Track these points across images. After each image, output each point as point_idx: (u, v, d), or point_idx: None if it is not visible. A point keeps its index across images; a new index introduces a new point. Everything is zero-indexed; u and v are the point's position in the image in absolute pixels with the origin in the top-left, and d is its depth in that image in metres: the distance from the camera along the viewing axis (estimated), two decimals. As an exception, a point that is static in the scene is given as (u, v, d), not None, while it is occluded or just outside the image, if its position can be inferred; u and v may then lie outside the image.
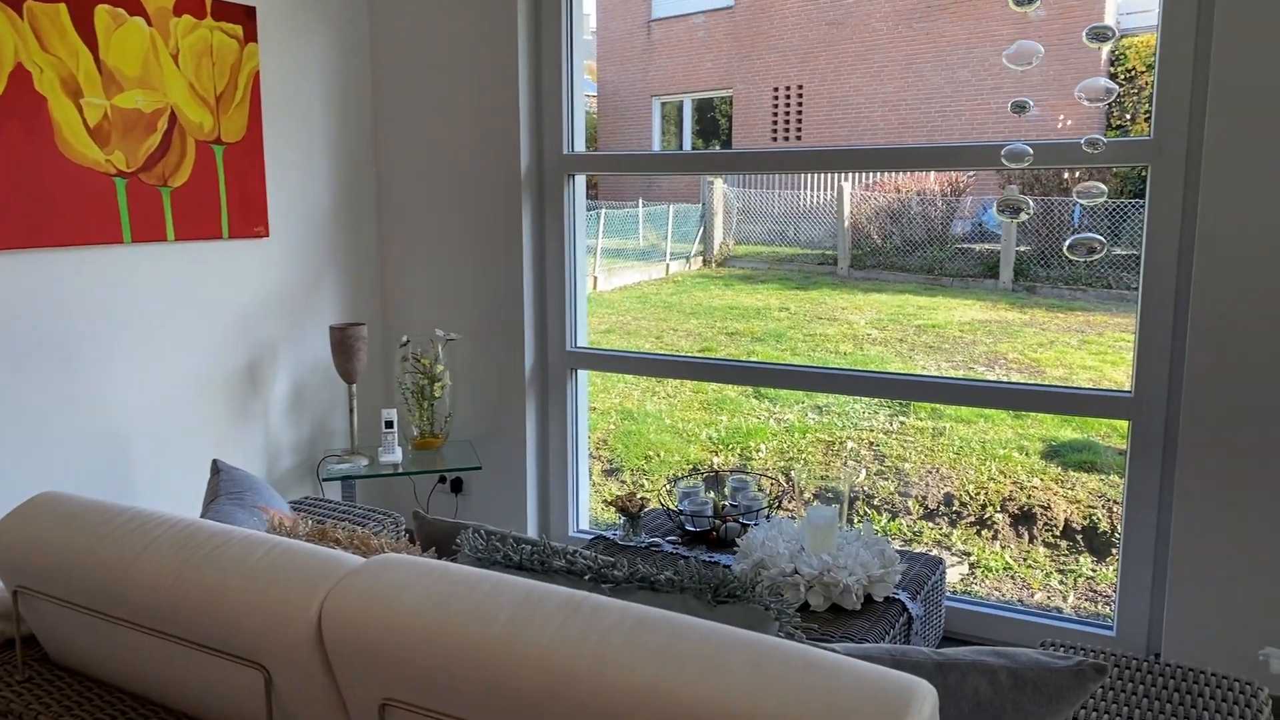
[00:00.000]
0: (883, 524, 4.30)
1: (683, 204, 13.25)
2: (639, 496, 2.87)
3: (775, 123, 14.18)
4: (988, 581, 3.86)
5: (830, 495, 4.30)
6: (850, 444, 5.05)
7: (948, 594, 2.95)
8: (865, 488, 4.61)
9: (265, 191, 3.10)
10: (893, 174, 11.98)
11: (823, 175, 12.65)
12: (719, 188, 13.00)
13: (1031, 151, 2.29)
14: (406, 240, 3.46)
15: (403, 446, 3.27)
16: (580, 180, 3.35)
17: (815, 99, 13.76)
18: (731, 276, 11.66)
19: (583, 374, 3.45)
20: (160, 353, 2.83)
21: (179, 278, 2.87)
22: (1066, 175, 10.03)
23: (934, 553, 4.08)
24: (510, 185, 3.24)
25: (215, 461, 1.97)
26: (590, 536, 3.32)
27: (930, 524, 4.30)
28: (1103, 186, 2.29)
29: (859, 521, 4.33)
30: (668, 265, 12.12)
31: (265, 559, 1.32)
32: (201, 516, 1.75)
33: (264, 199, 3.10)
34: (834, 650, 1.21)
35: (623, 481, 5.01)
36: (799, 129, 13.97)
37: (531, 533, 3.42)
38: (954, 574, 3.90)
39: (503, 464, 3.40)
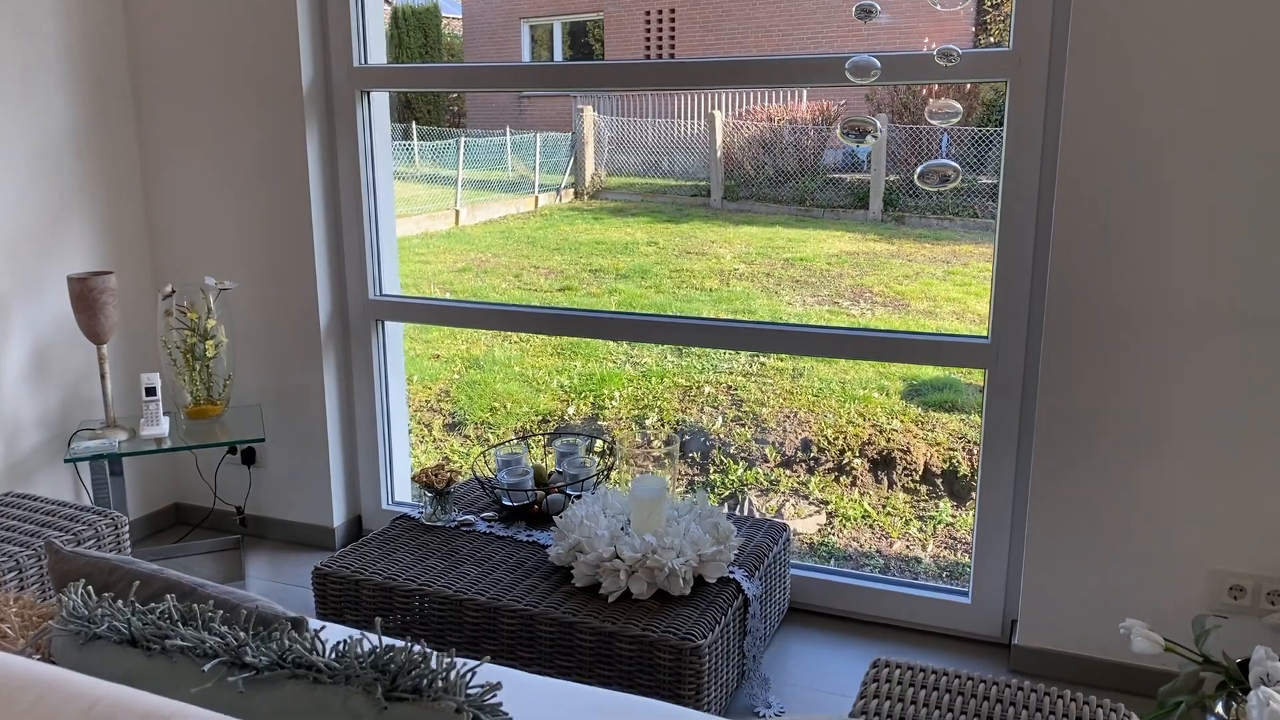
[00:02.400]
0: (739, 473, 4.04)
1: (553, 133, 12.64)
2: (446, 470, 2.49)
3: (648, 47, 13.65)
4: (845, 531, 3.66)
5: (689, 439, 4.00)
6: (708, 389, 4.77)
7: (796, 561, 2.69)
8: (721, 435, 4.35)
9: (-25, 111, 2.52)
10: (764, 102, 11.66)
11: (696, 103, 12.26)
12: (589, 115, 12.43)
13: (878, 64, 1.97)
14: (174, 173, 2.92)
15: (174, 415, 2.78)
16: (381, 98, 2.87)
17: (688, 23, 13.28)
18: (603, 210, 11.20)
19: (394, 326, 3.01)
20: None
21: None
22: (932, 100, 9.91)
23: (788, 504, 3.85)
24: (290, 105, 2.73)
25: None
26: (403, 511, 2.93)
27: (788, 471, 4.07)
28: (958, 105, 1.98)
29: (713, 472, 4.07)
30: (536, 198, 11.55)
31: None
32: None
33: (-27, 121, 2.52)
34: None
35: (466, 436, 4.61)
36: (672, 54, 13.49)
37: (338, 510, 3.00)
38: (811, 524, 3.68)
39: (300, 431, 2.96)
